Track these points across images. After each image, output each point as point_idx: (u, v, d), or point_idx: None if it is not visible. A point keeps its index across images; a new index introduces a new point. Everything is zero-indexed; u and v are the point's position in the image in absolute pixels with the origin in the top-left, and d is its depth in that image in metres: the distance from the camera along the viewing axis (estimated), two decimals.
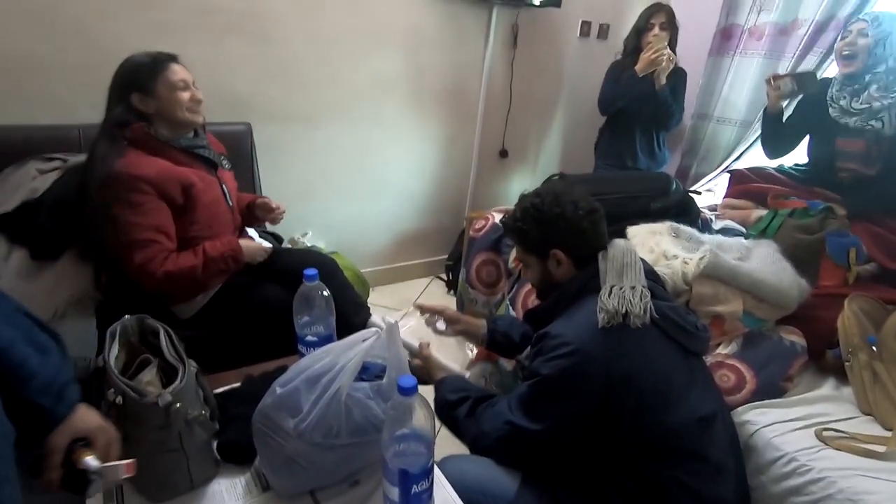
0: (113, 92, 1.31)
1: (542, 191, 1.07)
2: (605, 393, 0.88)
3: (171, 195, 1.26)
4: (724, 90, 2.59)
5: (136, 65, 1.30)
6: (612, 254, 0.98)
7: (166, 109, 1.29)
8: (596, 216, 1.03)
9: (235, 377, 1.16)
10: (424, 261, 2.74)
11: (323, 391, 0.85)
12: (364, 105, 2.20)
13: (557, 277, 1.05)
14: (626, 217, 1.53)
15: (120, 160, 1.22)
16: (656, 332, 0.93)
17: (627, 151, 2.34)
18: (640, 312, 0.89)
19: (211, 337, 1.38)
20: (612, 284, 0.93)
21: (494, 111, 2.53)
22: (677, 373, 0.93)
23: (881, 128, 1.56)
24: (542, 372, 0.92)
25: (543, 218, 1.02)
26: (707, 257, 1.23)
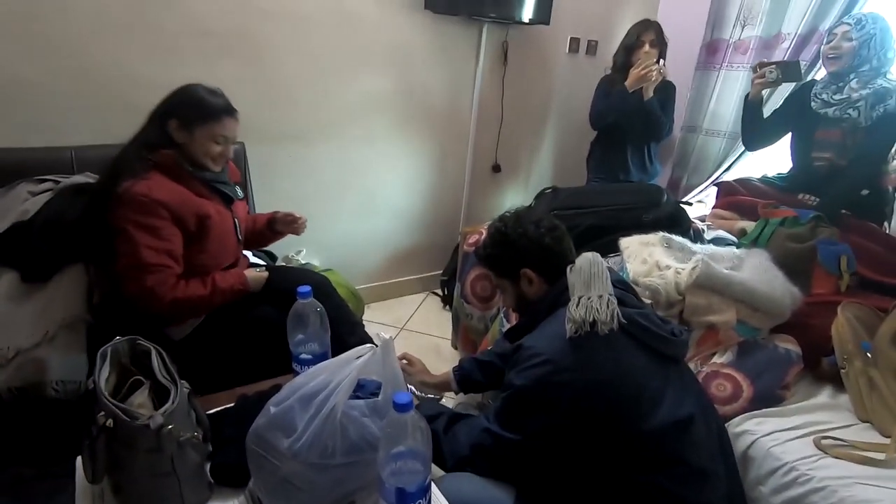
0: (157, 111, 1.31)
1: (504, 216, 1.12)
2: (577, 401, 0.90)
3: (186, 223, 1.27)
4: (712, 103, 2.63)
5: (195, 98, 1.30)
6: (579, 266, 1.01)
7: (194, 150, 1.30)
8: (558, 232, 1.08)
9: (229, 398, 1.15)
10: (419, 277, 2.74)
11: (318, 410, 0.84)
12: (356, 123, 2.21)
13: (531, 296, 1.08)
14: (619, 228, 1.54)
15: (143, 182, 1.22)
16: (627, 339, 0.94)
17: (619, 165, 2.36)
18: (607, 319, 0.91)
19: (205, 357, 1.37)
20: (581, 295, 0.95)
21: (486, 127, 2.55)
22: (650, 378, 0.94)
23: (857, 116, 1.62)
24: (516, 383, 0.94)
25: (508, 241, 1.07)
26: (699, 267, 1.24)
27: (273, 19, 1.89)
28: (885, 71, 1.64)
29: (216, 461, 0.92)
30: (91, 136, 1.71)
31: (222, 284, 1.33)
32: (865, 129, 1.62)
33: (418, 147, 2.43)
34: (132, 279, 1.22)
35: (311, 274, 1.60)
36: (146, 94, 1.77)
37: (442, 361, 2.21)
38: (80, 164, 1.65)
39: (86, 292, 1.31)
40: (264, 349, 1.27)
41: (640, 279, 1.30)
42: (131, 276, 1.22)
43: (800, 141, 1.84)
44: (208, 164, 1.33)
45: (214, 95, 1.33)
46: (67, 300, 1.28)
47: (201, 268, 1.33)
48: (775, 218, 1.53)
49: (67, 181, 1.50)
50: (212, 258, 1.36)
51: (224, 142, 1.33)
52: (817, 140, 1.73)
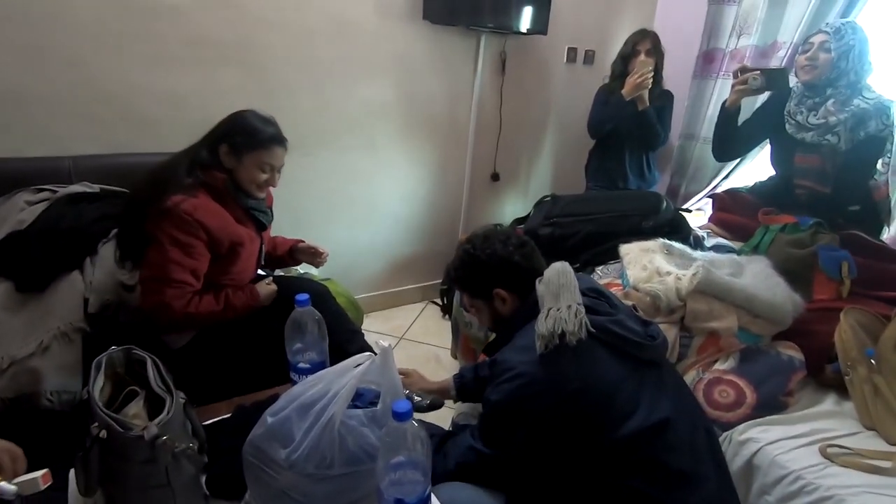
0: (212, 133, 1.33)
1: (472, 237, 1.12)
2: (551, 412, 0.91)
3: (219, 247, 1.29)
4: (709, 111, 2.63)
5: (247, 126, 1.32)
6: (547, 277, 1.01)
7: (240, 176, 1.32)
8: (526, 248, 1.08)
9: (227, 408, 1.13)
10: (419, 286, 2.73)
11: (315, 419, 0.82)
12: (355, 132, 2.22)
13: (505, 314, 1.09)
14: (618, 235, 1.54)
15: (191, 200, 1.23)
16: (599, 348, 0.94)
17: (617, 172, 2.36)
18: (575, 329, 0.91)
19: (203, 366, 1.36)
20: (550, 307, 0.95)
21: (485, 136, 2.56)
22: (624, 384, 0.94)
23: (836, 142, 1.53)
24: (492, 398, 0.95)
25: (478, 262, 1.07)
26: (700, 273, 1.23)
27: (273, 29, 1.91)
28: (861, 86, 1.55)
29: (212, 472, 0.90)
30: (89, 145, 1.71)
31: (235, 302, 1.34)
32: (845, 153, 1.54)
33: (417, 156, 2.43)
34: (152, 290, 1.23)
35: (310, 282, 1.59)
36: (145, 104, 1.79)
37: (442, 370, 2.19)
38: (78, 173, 1.64)
39: (81, 301, 1.30)
40: (263, 358, 1.26)
41: (641, 285, 1.29)
42: (153, 287, 1.23)
43: (779, 157, 1.76)
44: (253, 190, 1.35)
45: (266, 124, 1.35)
46: (62, 309, 1.26)
47: (220, 286, 1.34)
48: (776, 224, 1.53)
49: (64, 190, 1.50)
50: (231, 279, 1.38)
51: (270, 170, 1.35)
52: (797, 166, 1.64)
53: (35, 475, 0.69)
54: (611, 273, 1.47)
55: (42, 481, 0.69)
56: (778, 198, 1.71)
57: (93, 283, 1.34)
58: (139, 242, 1.24)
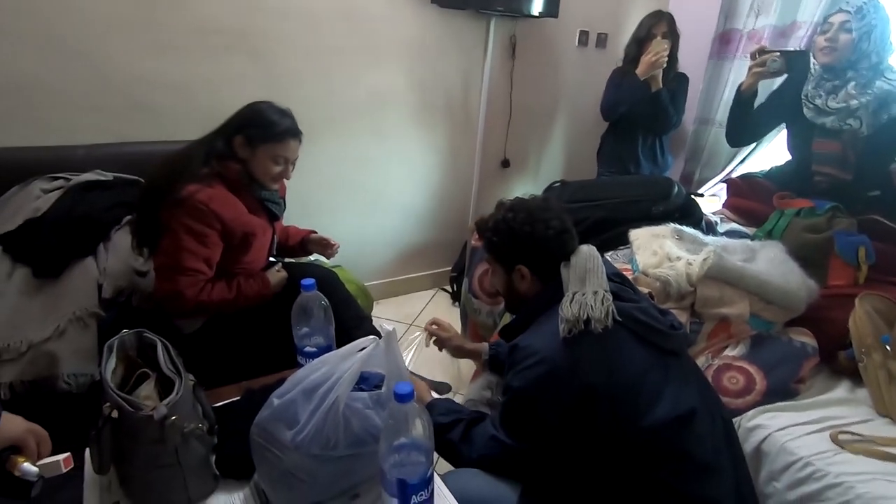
0: (228, 124, 1.33)
1: (518, 206, 1.06)
2: (577, 400, 0.88)
3: (232, 237, 1.30)
4: (725, 95, 2.57)
5: (262, 118, 1.32)
6: (574, 262, 0.98)
7: (254, 168, 1.32)
8: (566, 237, 1.03)
9: (236, 391, 1.15)
10: (428, 273, 2.73)
11: (320, 402, 0.83)
12: (364, 119, 2.21)
13: (521, 291, 1.06)
14: (628, 221, 1.52)
15: (207, 190, 1.24)
16: (625, 335, 0.92)
17: (630, 157, 2.33)
18: (601, 316, 0.88)
19: (214, 350, 1.38)
20: (575, 291, 0.93)
21: (495, 122, 2.53)
22: (650, 373, 0.92)
23: (858, 127, 1.46)
24: (514, 385, 0.93)
25: (513, 234, 1.03)
26: (711, 258, 1.21)
27: (279, 16, 1.90)
28: (883, 68, 1.48)
29: (222, 453, 0.92)
30: (100, 134, 1.73)
31: (247, 290, 1.35)
32: (866, 137, 1.47)
33: (426, 142, 2.42)
34: (165, 278, 1.25)
35: (318, 268, 1.60)
36: (154, 93, 1.81)
37: (452, 359, 2.20)
38: (91, 161, 1.66)
39: (95, 287, 1.33)
40: (273, 342, 1.27)
41: (650, 270, 1.27)
42: (166, 275, 1.25)
43: (796, 142, 1.69)
44: (266, 182, 1.35)
45: (282, 116, 1.34)
46: (78, 294, 1.29)
47: (232, 274, 1.36)
48: (791, 208, 1.49)
49: (78, 178, 1.52)
50: (242, 267, 1.39)
51: (284, 163, 1.35)
52: (816, 152, 1.57)
53: (57, 458, 0.71)
54: (620, 259, 1.46)
55: (64, 464, 0.71)
56: (795, 183, 1.65)
57: (106, 269, 1.36)
58: (154, 230, 1.25)
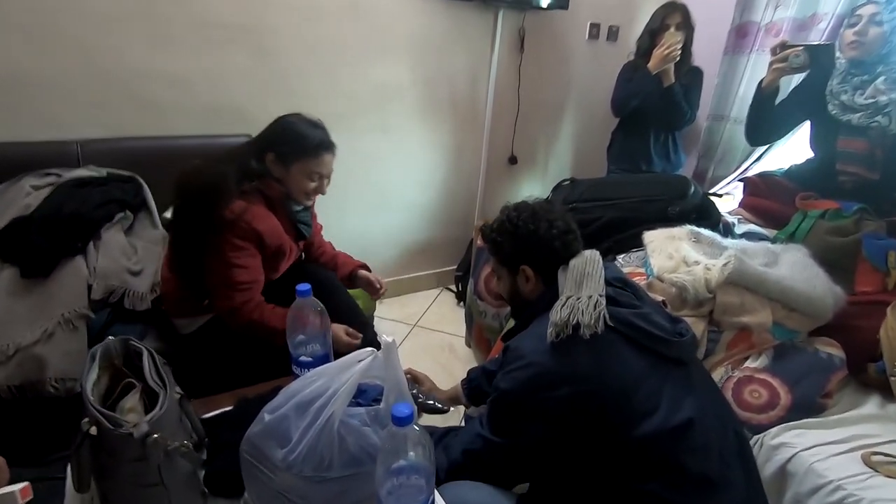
0: (259, 140, 1.30)
1: (522, 206, 1.07)
2: (564, 406, 0.87)
3: (266, 252, 1.27)
4: (741, 90, 2.48)
5: (293, 133, 1.27)
6: (573, 265, 0.97)
7: (288, 185, 1.29)
8: (569, 237, 1.02)
9: (229, 399, 1.10)
10: (433, 272, 2.67)
11: (314, 418, 0.78)
12: (368, 115, 2.15)
13: (526, 294, 1.05)
14: (642, 222, 1.44)
15: (252, 208, 1.22)
16: (619, 342, 0.89)
17: (641, 154, 2.25)
18: (591, 322, 0.86)
19: (211, 353, 1.36)
20: (569, 295, 0.91)
21: (502, 117, 2.46)
22: (646, 382, 0.88)
23: (887, 124, 1.38)
24: (501, 386, 0.92)
25: (517, 233, 1.03)
26: (731, 263, 1.14)
27: (283, 9, 1.83)
28: None
29: (212, 468, 0.86)
30: (96, 129, 1.68)
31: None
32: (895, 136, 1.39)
33: (432, 138, 2.35)
34: (222, 297, 1.24)
35: (318, 270, 1.55)
36: (152, 88, 1.75)
37: (456, 360, 2.15)
38: (86, 157, 1.62)
39: (85, 287, 1.28)
40: (270, 348, 1.23)
41: (666, 275, 1.20)
42: (221, 293, 1.24)
43: (820, 139, 1.61)
44: (302, 199, 1.33)
45: (313, 129, 1.30)
46: (66, 296, 1.24)
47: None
48: (815, 210, 1.42)
49: (69, 175, 1.47)
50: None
51: (319, 179, 1.32)
52: (840, 150, 1.50)
53: (13, 488, 0.66)
54: (633, 261, 1.39)
55: (21, 495, 0.66)
56: (818, 183, 1.57)
57: (97, 269, 1.31)
58: (196, 253, 1.23)
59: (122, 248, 1.40)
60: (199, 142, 1.80)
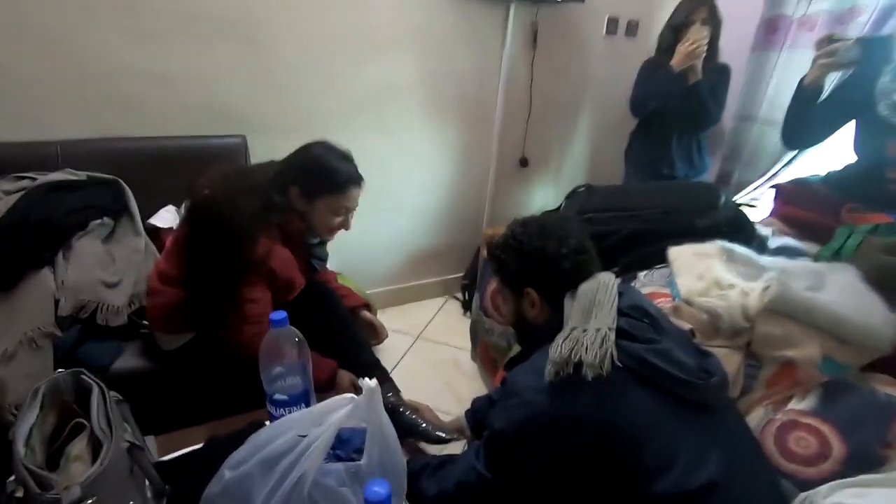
0: (285, 169, 1.21)
1: (530, 221, 0.98)
2: (562, 453, 0.78)
3: (275, 283, 1.20)
4: (770, 89, 2.31)
5: (321, 167, 1.20)
6: (582, 291, 0.86)
7: (312, 220, 1.23)
8: (583, 257, 0.92)
9: (202, 434, 0.99)
10: (439, 279, 2.54)
11: (281, 478, 0.66)
12: (369, 113, 2.02)
13: (530, 319, 0.95)
14: (666, 235, 1.30)
15: (273, 248, 1.16)
16: (629, 382, 0.78)
17: (662, 158, 2.10)
18: (595, 361, 0.75)
19: (194, 371, 1.28)
20: (574, 327, 0.80)
21: (513, 117, 2.33)
22: (660, 432, 0.76)
23: None
24: (495, 425, 0.84)
25: (522, 251, 0.93)
26: (773, 288, 0.99)
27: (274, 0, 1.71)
28: None
29: None
30: (77, 129, 1.58)
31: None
32: None
33: (437, 139, 2.22)
34: (234, 330, 1.18)
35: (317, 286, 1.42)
36: (136, 85, 1.65)
37: (461, 376, 2.02)
38: (67, 158, 1.52)
39: (51, 303, 1.17)
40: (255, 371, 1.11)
41: (696, 299, 1.06)
42: (233, 326, 1.18)
43: (865, 150, 1.46)
44: (324, 234, 1.29)
45: (342, 161, 1.23)
46: (30, 312, 1.14)
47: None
48: (865, 224, 1.26)
49: (43, 179, 1.36)
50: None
51: (345, 213, 1.25)
52: (891, 157, 1.35)
53: None
54: (656, 280, 1.24)
55: None
56: (863, 192, 1.41)
57: (65, 282, 1.21)
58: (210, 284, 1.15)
59: (97, 259, 1.29)
60: (187, 143, 1.70)
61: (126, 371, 1.26)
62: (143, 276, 1.35)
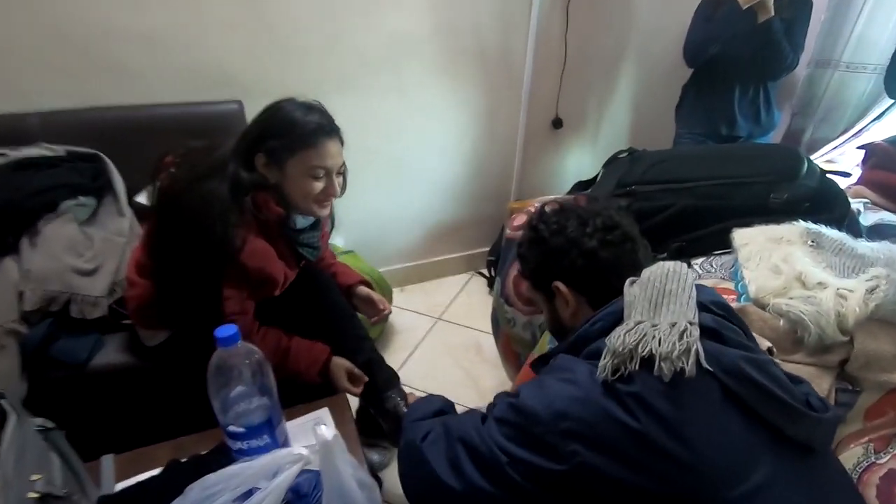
0: (245, 137, 1.00)
1: (549, 204, 0.83)
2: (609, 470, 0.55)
3: (252, 279, 1.02)
4: (859, 26, 1.94)
5: (282, 123, 0.98)
6: (645, 278, 0.67)
7: (289, 192, 1.00)
8: (615, 234, 0.74)
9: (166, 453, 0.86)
10: (462, 254, 2.35)
11: None
12: (381, 73, 1.80)
13: (568, 322, 0.78)
14: (730, 214, 1.05)
15: (251, 244, 0.98)
16: (721, 398, 0.57)
17: (722, 114, 1.80)
18: (672, 352, 0.55)
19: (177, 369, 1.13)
20: (639, 321, 0.61)
21: (546, 71, 2.05)
22: (748, 471, 0.54)
23: None
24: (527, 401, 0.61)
25: (538, 240, 0.79)
26: (882, 289, 0.75)
27: None
28: None
29: None
30: (58, 99, 1.43)
31: (293, 366, 1.06)
32: None
33: (460, 100, 1.98)
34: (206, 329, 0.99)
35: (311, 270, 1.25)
36: (120, 48, 1.47)
37: (482, 363, 1.85)
38: (48, 131, 1.39)
39: (15, 295, 1.06)
40: None
41: (772, 299, 0.82)
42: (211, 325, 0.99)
43: None
44: (312, 208, 1.03)
45: (307, 112, 0.99)
46: None
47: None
48: None
49: (14, 155, 1.23)
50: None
51: (326, 176, 1.00)
52: None
53: None
54: (716, 272, 1.00)
55: None
56: None
57: (31, 271, 1.08)
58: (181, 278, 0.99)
59: (70, 244, 1.17)
60: (178, 110, 1.54)
61: (106, 367, 1.15)
62: (127, 260, 1.22)
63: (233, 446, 0.70)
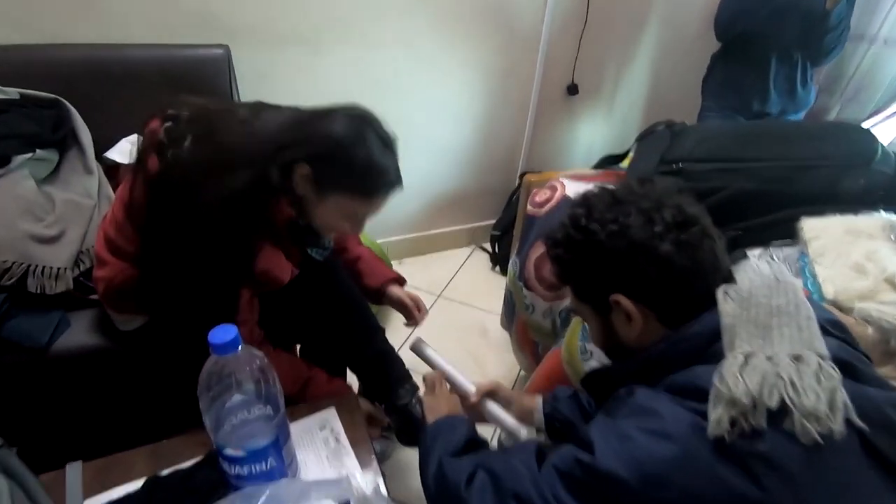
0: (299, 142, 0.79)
1: (594, 195, 0.65)
2: None
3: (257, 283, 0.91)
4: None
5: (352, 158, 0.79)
6: (747, 290, 0.55)
7: (313, 215, 0.85)
8: (691, 232, 0.59)
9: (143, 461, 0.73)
10: (465, 227, 2.22)
11: None
12: (383, 25, 1.61)
13: (631, 342, 0.64)
14: (795, 201, 0.93)
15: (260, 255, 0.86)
16: (859, 456, 0.46)
17: (755, 88, 1.67)
18: (817, 408, 0.44)
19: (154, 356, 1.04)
20: (749, 352, 0.50)
21: (564, 32, 1.88)
22: None
23: None
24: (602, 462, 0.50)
25: (591, 243, 0.62)
26: None
27: None
28: None
29: None
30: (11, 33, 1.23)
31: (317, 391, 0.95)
32: None
33: (468, 59, 1.80)
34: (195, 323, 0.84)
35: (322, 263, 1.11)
36: None
37: (488, 346, 1.74)
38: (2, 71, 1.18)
39: None
40: None
41: (857, 303, 0.72)
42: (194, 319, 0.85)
43: None
44: (322, 232, 0.93)
45: (384, 154, 0.82)
46: None
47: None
48: None
49: None
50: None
51: (360, 223, 0.90)
52: None
53: None
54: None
55: None
56: None
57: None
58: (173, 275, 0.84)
59: (26, 205, 1.00)
60: (155, 53, 1.34)
61: (71, 351, 1.00)
62: (97, 226, 1.06)
63: (230, 472, 0.57)
